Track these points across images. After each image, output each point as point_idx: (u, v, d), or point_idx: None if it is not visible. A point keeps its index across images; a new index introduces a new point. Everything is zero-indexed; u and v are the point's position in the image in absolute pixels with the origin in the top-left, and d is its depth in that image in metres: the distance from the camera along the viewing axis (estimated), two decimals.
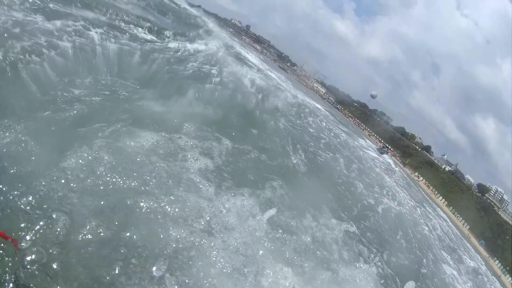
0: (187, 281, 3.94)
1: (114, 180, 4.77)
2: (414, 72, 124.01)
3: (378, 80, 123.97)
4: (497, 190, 67.33)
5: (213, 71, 12.76)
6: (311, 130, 17.55)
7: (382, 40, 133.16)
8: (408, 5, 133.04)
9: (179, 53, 12.95)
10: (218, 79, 12.20)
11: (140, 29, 13.09)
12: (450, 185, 62.43)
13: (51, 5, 10.19)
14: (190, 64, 12.44)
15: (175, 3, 29.72)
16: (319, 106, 39.72)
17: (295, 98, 24.38)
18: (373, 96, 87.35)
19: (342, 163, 15.12)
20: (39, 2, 9.82)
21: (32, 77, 6.28)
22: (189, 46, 14.12)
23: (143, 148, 5.94)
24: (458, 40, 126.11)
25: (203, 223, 4.88)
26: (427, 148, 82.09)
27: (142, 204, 4.59)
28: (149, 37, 12.96)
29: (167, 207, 4.78)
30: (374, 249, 8.91)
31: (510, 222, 57.05)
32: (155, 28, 14.30)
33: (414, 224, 15.40)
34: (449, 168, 73.13)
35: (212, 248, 4.56)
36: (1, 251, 3.02)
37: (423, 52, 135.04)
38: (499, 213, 59.81)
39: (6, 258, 3.01)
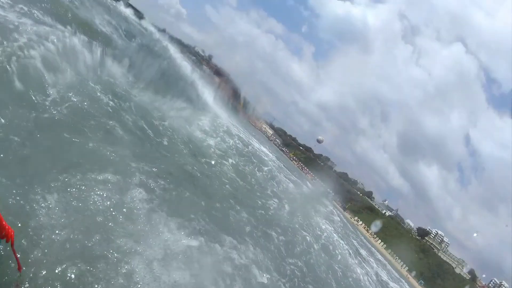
0: None
1: None
2: (363, 119, 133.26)
3: (326, 125, 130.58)
4: (437, 233, 70.83)
5: None
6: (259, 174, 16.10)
7: (335, 85, 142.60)
8: (365, 53, 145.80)
9: None
10: None
11: None
12: (390, 229, 64.39)
13: None
14: None
15: (143, 27, 30.39)
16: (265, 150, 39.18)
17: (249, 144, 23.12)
18: (319, 141, 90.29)
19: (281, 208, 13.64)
20: None
21: None
22: None
23: None
24: (410, 89, 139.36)
25: None
26: (369, 194, 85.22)
27: None
28: None
29: None
30: None
31: (449, 262, 59.70)
32: None
33: (345, 267, 13.90)
34: (389, 213, 75.97)
35: None
36: None
37: (374, 99, 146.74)
38: (439, 254, 62.47)
39: None
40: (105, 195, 5.19)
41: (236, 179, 12.25)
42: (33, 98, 6.38)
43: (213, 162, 11.94)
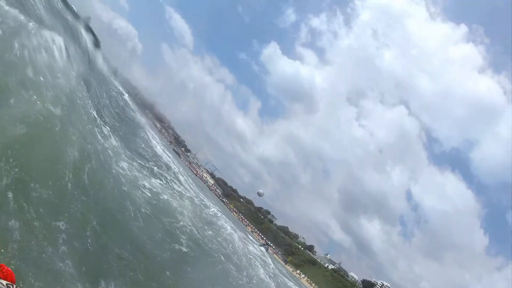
0: None
1: None
2: (304, 175, 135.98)
3: (267, 179, 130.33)
4: (382, 284, 71.09)
5: None
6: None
7: (279, 141, 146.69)
8: (310, 112, 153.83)
9: None
10: None
11: None
12: (334, 282, 63.54)
13: None
14: None
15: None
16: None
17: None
18: (260, 194, 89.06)
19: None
20: None
21: None
22: None
23: None
24: (352, 148, 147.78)
25: None
26: (310, 248, 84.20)
27: None
28: None
29: None
30: None
31: None
32: None
33: None
34: (332, 266, 75.12)
35: None
36: None
37: (316, 156, 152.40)
38: None
39: None
40: None
41: None
42: None
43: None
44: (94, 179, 8.40)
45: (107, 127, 13.18)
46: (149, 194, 11.77)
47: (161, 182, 15.15)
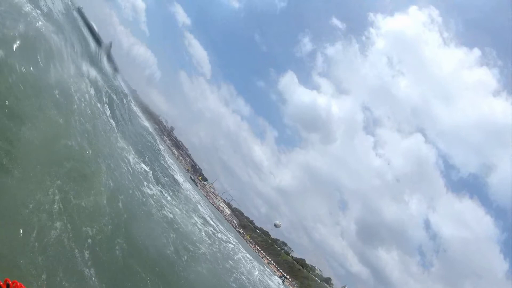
0: None
1: None
2: (321, 206, 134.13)
3: (284, 209, 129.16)
4: None
5: None
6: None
7: (295, 171, 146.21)
8: (327, 142, 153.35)
9: None
10: None
11: None
12: None
13: None
14: None
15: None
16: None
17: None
18: (276, 226, 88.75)
19: None
20: None
21: None
22: None
23: None
24: (370, 178, 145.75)
25: None
26: (327, 280, 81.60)
27: None
28: None
29: None
30: None
31: None
32: None
33: None
34: None
35: None
36: None
37: (333, 186, 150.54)
38: None
39: None
40: None
41: None
42: None
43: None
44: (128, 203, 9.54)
45: (142, 164, 14.52)
46: (173, 222, 12.76)
47: (182, 210, 16.16)
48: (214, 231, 20.94)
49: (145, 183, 13.09)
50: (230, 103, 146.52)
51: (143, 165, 14.64)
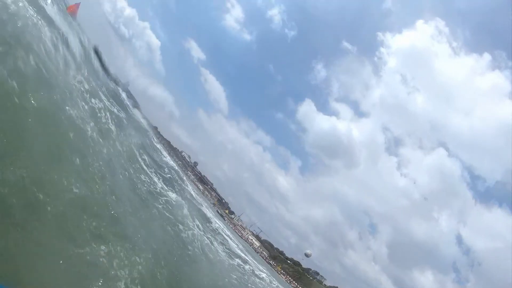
0: None
1: None
2: (351, 232, 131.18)
3: (314, 239, 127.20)
4: None
5: None
6: None
7: (322, 199, 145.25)
8: (351, 167, 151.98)
9: None
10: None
11: None
12: None
13: None
14: None
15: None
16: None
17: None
18: (307, 255, 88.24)
19: None
20: None
21: None
22: None
23: None
24: (397, 199, 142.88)
25: None
26: None
27: None
28: None
29: None
30: None
31: None
32: None
33: None
34: None
35: None
36: None
37: (361, 212, 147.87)
38: None
39: None
40: None
41: None
42: None
43: None
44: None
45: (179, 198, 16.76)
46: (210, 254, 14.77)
47: (219, 244, 18.13)
48: (243, 263, 22.34)
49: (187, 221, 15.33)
50: (251, 135, 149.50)
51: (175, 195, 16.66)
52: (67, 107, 9.11)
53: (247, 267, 20.84)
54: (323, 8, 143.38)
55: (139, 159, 14.82)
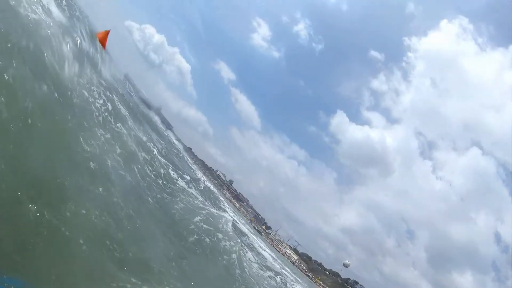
0: None
1: None
2: (389, 239, 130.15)
3: (352, 249, 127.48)
4: None
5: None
6: None
7: (359, 208, 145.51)
8: (386, 175, 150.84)
9: None
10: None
11: None
12: None
13: None
14: None
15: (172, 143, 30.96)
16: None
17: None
18: (346, 265, 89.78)
19: None
20: None
21: None
22: None
23: None
24: (433, 203, 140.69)
25: None
26: None
27: None
28: None
29: None
30: None
31: None
32: None
33: None
34: None
35: None
36: None
37: (399, 218, 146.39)
38: None
39: None
40: None
41: None
42: None
43: None
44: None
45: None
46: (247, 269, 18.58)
47: (257, 258, 21.62)
48: (282, 276, 24.57)
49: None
50: (285, 150, 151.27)
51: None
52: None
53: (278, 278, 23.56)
54: (348, 19, 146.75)
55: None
